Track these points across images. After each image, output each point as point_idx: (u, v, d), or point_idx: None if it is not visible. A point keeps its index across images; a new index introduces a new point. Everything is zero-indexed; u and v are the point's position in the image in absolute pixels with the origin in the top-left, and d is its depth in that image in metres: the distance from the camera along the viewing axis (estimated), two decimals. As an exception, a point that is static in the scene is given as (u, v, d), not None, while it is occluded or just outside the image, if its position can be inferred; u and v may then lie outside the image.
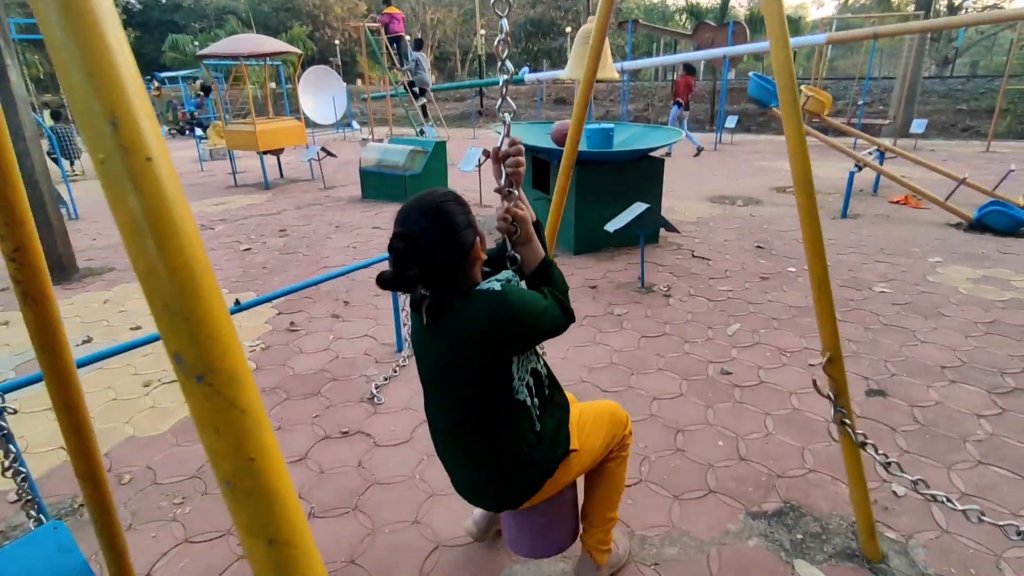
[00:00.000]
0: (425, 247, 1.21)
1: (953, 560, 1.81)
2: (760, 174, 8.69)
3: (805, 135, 1.65)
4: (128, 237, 0.46)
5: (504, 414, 1.34)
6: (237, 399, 0.48)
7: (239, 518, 0.49)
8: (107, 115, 0.44)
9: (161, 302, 0.47)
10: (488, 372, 1.30)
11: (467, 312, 1.25)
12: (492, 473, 1.40)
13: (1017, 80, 13.63)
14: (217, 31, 32.16)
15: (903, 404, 2.63)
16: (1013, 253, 4.64)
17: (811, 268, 1.63)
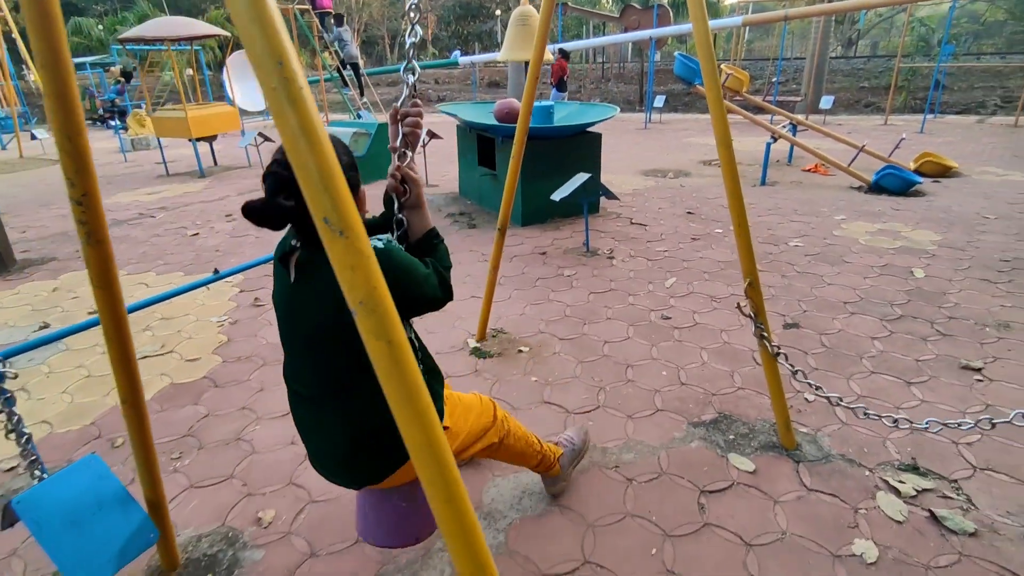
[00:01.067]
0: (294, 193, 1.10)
1: (851, 444, 2.24)
2: (688, 149, 9.27)
3: (727, 111, 2.00)
4: (288, 142, 0.69)
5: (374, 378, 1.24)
6: (364, 247, 0.72)
7: (368, 325, 0.74)
8: (275, 57, 0.67)
9: (312, 185, 0.70)
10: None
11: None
12: (361, 442, 1.30)
13: (909, 60, 14.98)
14: (124, 14, 30.08)
15: (813, 333, 3.09)
16: (904, 209, 5.31)
17: (731, 208, 1.99)
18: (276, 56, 0.67)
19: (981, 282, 3.64)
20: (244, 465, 2.26)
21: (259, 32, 0.66)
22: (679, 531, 1.86)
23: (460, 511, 0.82)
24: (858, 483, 2.04)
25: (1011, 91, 13.66)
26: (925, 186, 6.06)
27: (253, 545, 1.88)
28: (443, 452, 0.79)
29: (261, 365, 3.01)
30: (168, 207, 6.65)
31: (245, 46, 0.68)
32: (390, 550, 1.81)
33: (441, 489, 0.79)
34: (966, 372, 2.68)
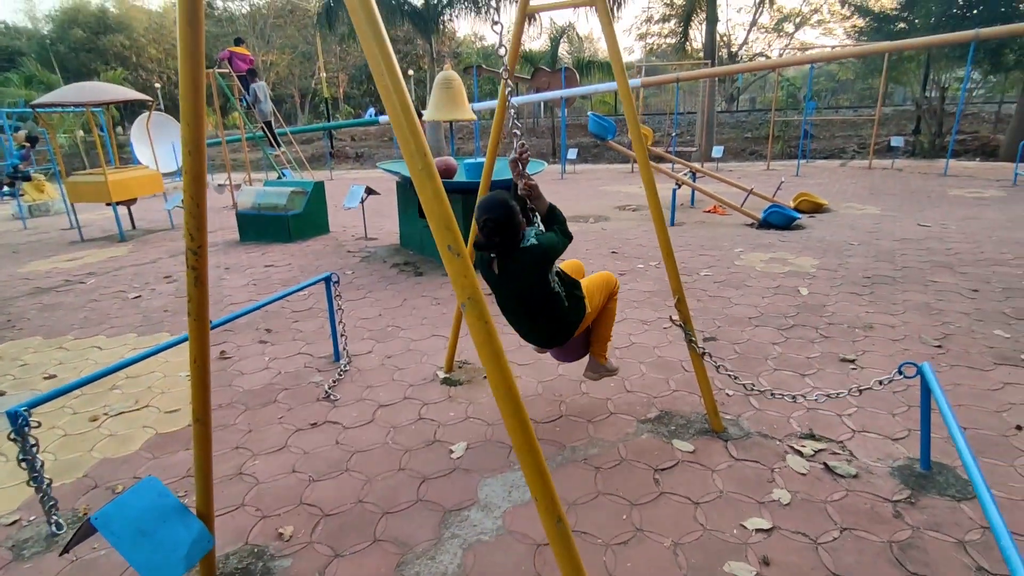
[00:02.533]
0: (505, 224, 2.20)
1: (764, 423, 2.80)
2: (603, 197, 10.19)
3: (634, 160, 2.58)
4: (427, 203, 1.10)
5: (550, 299, 2.38)
6: (468, 266, 1.12)
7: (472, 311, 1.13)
8: (421, 152, 1.09)
9: (440, 227, 1.11)
10: (540, 281, 2.33)
11: (523, 257, 2.27)
12: (551, 328, 2.49)
13: (781, 113, 17.23)
14: (7, 75, 28.38)
15: (727, 343, 3.71)
16: (789, 241, 6.27)
17: (659, 238, 2.55)
18: (422, 152, 1.09)
19: (850, 295, 4.47)
20: (252, 494, 2.48)
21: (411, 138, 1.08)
22: (642, 500, 2.30)
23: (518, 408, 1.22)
24: (772, 451, 2.58)
25: (864, 139, 16.03)
26: (803, 221, 7.14)
27: (280, 556, 2.12)
28: (513, 391, 1.19)
29: (244, 410, 3.20)
30: (97, 272, 6.52)
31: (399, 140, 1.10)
32: (412, 546, 2.11)
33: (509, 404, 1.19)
34: (844, 363, 3.37)
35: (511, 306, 2.48)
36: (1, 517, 2.40)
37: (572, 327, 2.53)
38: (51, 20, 40.47)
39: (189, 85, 1.37)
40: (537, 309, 2.40)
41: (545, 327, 2.49)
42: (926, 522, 2.12)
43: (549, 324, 2.47)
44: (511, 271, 2.31)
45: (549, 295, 2.37)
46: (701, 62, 15.01)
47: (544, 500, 1.24)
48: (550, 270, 2.37)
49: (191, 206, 1.43)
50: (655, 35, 24.87)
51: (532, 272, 2.29)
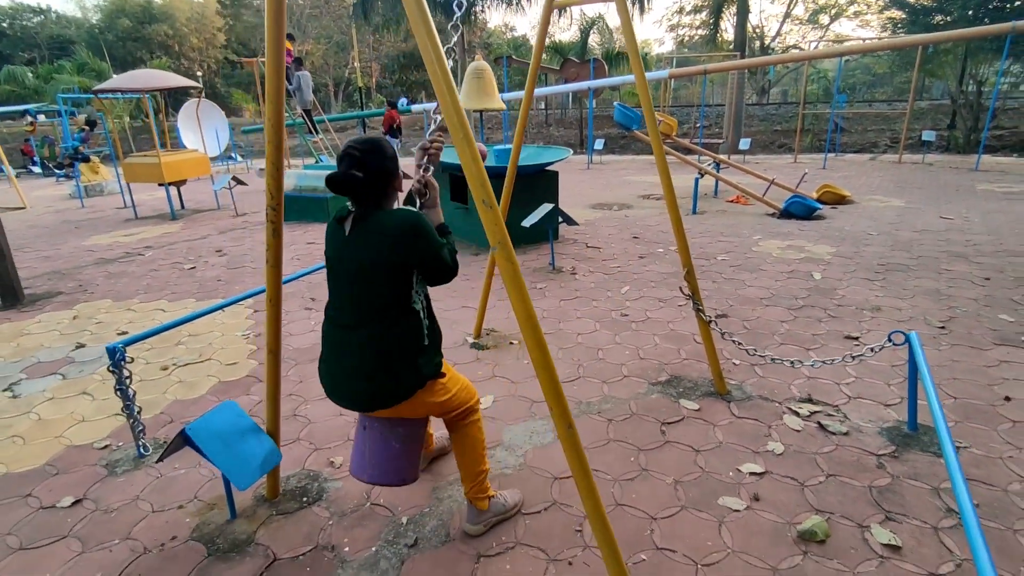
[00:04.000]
0: (369, 159, 1.66)
1: (766, 388, 3.04)
2: (627, 186, 10.38)
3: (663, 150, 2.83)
4: (466, 165, 1.40)
5: (403, 315, 1.72)
6: (499, 216, 1.42)
7: (502, 255, 1.43)
8: (461, 125, 1.39)
9: (476, 185, 1.40)
10: (397, 273, 1.68)
11: (387, 219, 1.67)
12: (383, 362, 1.71)
13: (812, 107, 17.07)
14: (61, 63, 29.60)
15: (737, 320, 3.95)
16: (808, 230, 6.41)
17: (671, 216, 2.81)
18: (462, 124, 1.38)
19: (863, 280, 4.65)
20: (307, 431, 2.84)
21: (455, 113, 1.37)
22: (649, 447, 2.58)
23: (547, 360, 1.51)
24: (771, 411, 2.83)
25: (897, 133, 15.79)
26: (825, 212, 7.26)
27: (332, 479, 2.47)
28: (534, 322, 1.48)
29: (295, 364, 3.57)
30: (153, 246, 7.02)
31: (448, 122, 1.39)
32: (445, 475, 2.44)
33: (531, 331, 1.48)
34: (848, 340, 3.58)
35: (342, 300, 1.77)
36: (95, 442, 2.81)
37: (418, 377, 1.76)
38: (99, 10, 41.91)
39: (273, 69, 1.69)
40: (380, 318, 1.71)
41: (380, 355, 1.72)
42: (906, 472, 2.36)
43: (389, 350, 1.72)
44: (364, 237, 1.68)
45: (402, 304, 1.72)
46: (731, 54, 14.97)
47: (557, 408, 1.53)
48: (416, 271, 1.73)
49: (272, 170, 1.76)
50: (687, 26, 24.69)
51: (392, 248, 1.65)
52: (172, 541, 2.14)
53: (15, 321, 4.54)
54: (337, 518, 2.23)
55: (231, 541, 2.12)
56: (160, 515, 2.28)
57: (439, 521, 2.18)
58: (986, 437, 2.57)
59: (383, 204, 1.74)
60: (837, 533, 2.04)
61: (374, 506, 2.28)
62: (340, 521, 2.21)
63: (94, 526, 2.24)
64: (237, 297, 3.16)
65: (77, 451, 2.75)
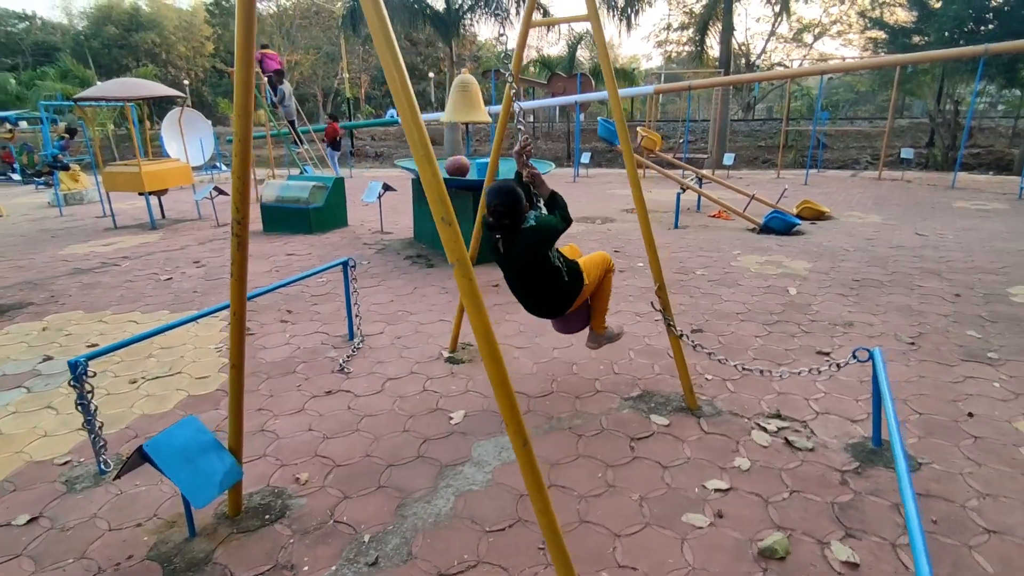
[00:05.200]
0: (511, 208, 2.52)
1: (736, 404, 3.06)
2: (612, 200, 10.46)
3: (643, 166, 2.86)
4: (427, 185, 1.41)
5: (551, 273, 2.69)
6: (457, 232, 1.43)
7: (459, 272, 1.44)
8: (423, 144, 1.40)
9: (435, 202, 1.41)
10: (541, 258, 2.63)
11: (524, 236, 2.57)
12: (553, 299, 2.80)
13: (795, 123, 17.36)
14: (44, 69, 29.38)
15: (712, 335, 3.98)
16: (786, 245, 6.49)
17: (643, 231, 2.83)
18: (424, 144, 1.39)
19: (837, 296, 4.71)
20: (273, 447, 2.80)
21: (416, 131, 1.38)
22: (617, 463, 2.58)
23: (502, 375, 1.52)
24: (740, 427, 2.85)
25: (878, 150, 16.09)
26: (804, 227, 7.36)
27: (297, 496, 2.44)
28: (490, 336, 1.49)
29: (267, 378, 3.53)
30: (131, 256, 6.95)
31: (409, 140, 1.40)
32: (411, 492, 2.42)
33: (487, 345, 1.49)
34: (819, 355, 3.62)
35: (516, 280, 2.79)
36: (55, 458, 2.75)
37: (572, 297, 2.82)
38: (86, 17, 41.73)
39: (242, 84, 1.70)
40: (540, 282, 2.70)
41: (548, 298, 2.79)
42: (868, 488, 2.38)
43: (551, 295, 2.77)
44: (515, 249, 2.60)
45: (550, 270, 2.66)
46: (716, 71, 15.21)
47: (512, 424, 1.53)
48: (550, 248, 2.66)
49: (238, 184, 1.75)
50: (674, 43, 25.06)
51: (533, 249, 2.58)
52: (128, 560, 2.10)
53: (-16, 332, 4.46)
54: (299, 536, 2.20)
55: (188, 560, 2.09)
56: (118, 533, 2.24)
57: (401, 539, 2.16)
58: (948, 453, 2.60)
59: (520, 224, 2.58)
60: (797, 550, 2.05)
61: (337, 523, 2.26)
62: (302, 539, 2.18)
63: (49, 544, 2.19)
64: (206, 311, 3.13)
65: (37, 467, 2.70)
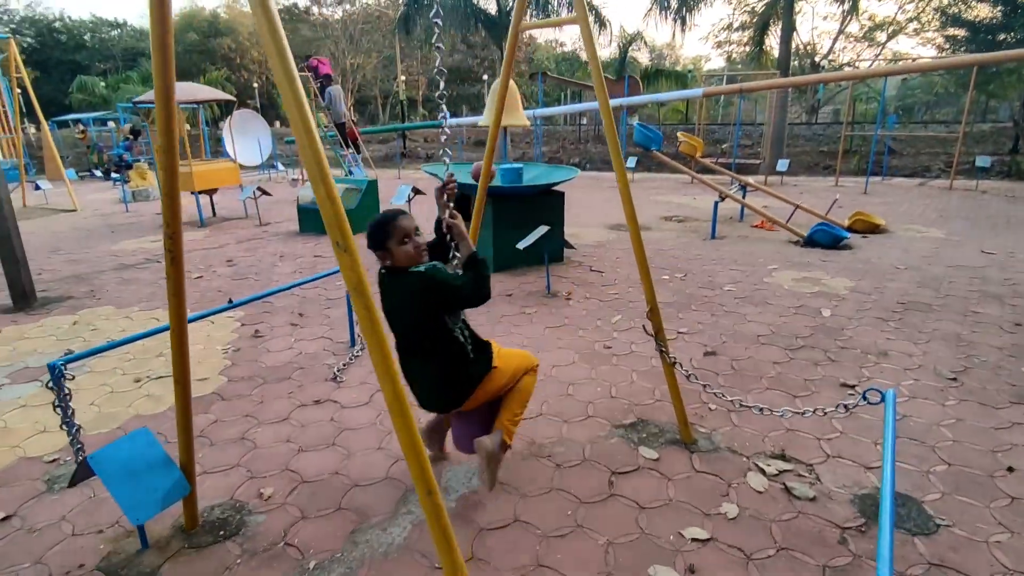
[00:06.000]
0: (373, 240, 2.05)
1: (737, 440, 2.81)
2: (652, 206, 10.11)
3: (678, 171, 2.66)
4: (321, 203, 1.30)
5: (448, 343, 2.13)
6: (356, 258, 1.32)
7: (358, 302, 1.32)
8: (317, 162, 1.29)
9: (331, 226, 1.30)
10: (429, 317, 2.06)
11: (406, 280, 2.04)
12: (446, 378, 2.18)
13: (859, 127, 16.33)
14: (128, 73, 31.49)
15: (726, 359, 3.70)
16: (830, 261, 6.04)
17: (636, 251, 2.63)
18: (318, 162, 1.28)
19: (876, 320, 4.30)
20: (248, 457, 2.78)
21: (308, 143, 1.27)
22: (591, 499, 2.40)
23: (405, 412, 1.39)
24: (736, 467, 2.60)
25: (953, 157, 14.91)
26: (854, 241, 6.84)
27: (256, 512, 2.39)
28: (400, 395, 1.37)
29: (262, 383, 3.54)
30: (172, 253, 7.24)
31: (300, 154, 1.30)
32: (369, 516, 2.32)
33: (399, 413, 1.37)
34: (843, 388, 3.29)
35: (402, 343, 2.18)
36: (45, 456, 2.83)
37: (472, 381, 2.20)
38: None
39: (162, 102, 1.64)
40: (430, 350, 2.13)
41: (439, 375, 2.17)
42: (870, 551, 2.10)
43: (444, 371, 2.16)
44: (395, 293, 2.08)
45: (446, 338, 2.12)
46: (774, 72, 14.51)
47: (416, 467, 1.40)
48: (446, 311, 2.10)
49: (166, 199, 1.69)
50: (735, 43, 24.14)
51: (416, 301, 2.03)
52: (79, 569, 2.09)
53: (20, 324, 4.71)
54: (247, 556, 2.14)
55: (134, 574, 2.06)
56: (78, 539, 2.25)
57: (346, 569, 2.06)
58: (975, 514, 2.27)
59: (397, 265, 2.06)
60: (771, 621, 1.81)
61: (288, 546, 2.19)
62: (249, 560, 2.12)
63: (12, 546, 2.22)
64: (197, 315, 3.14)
65: (27, 463, 2.77)
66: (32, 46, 38.23)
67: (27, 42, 38.24)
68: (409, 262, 2.05)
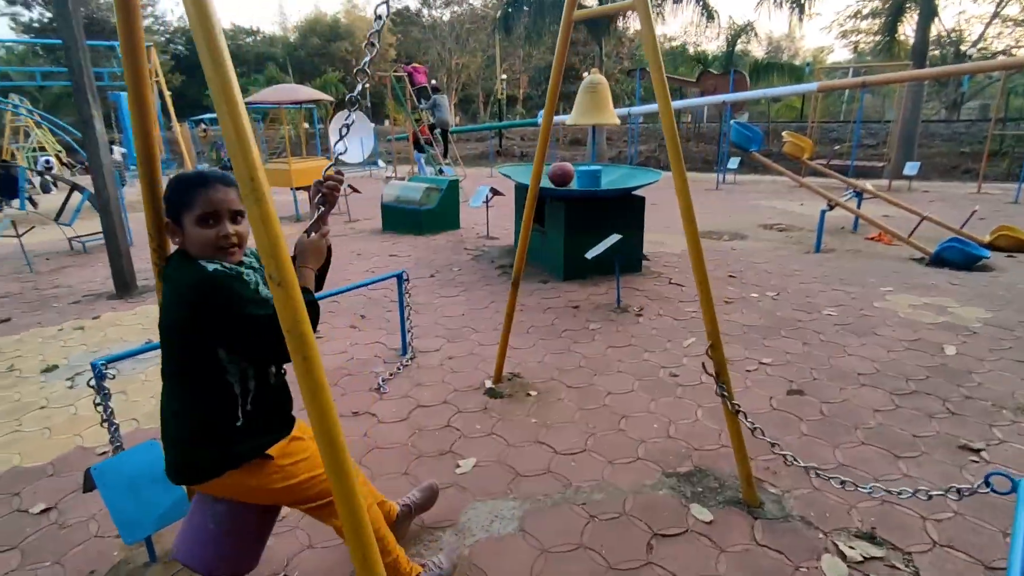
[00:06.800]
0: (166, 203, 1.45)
1: (815, 507, 2.33)
2: (752, 212, 9.27)
3: (781, 173, 2.28)
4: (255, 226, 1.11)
5: (207, 385, 1.42)
6: (295, 293, 1.11)
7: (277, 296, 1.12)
8: (249, 173, 1.10)
9: (262, 248, 1.10)
10: (188, 336, 1.37)
11: (183, 273, 1.39)
12: (187, 434, 1.46)
13: (1012, 125, 14.08)
14: (256, 76, 34.33)
15: (815, 400, 3.16)
16: (961, 284, 5.11)
17: (695, 273, 2.25)
18: (251, 175, 1.09)
19: (1016, 364, 3.52)
20: (274, 469, 2.70)
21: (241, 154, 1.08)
22: (623, 565, 2.06)
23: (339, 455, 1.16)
24: (808, 544, 2.14)
25: None
26: (996, 260, 5.78)
27: (267, 533, 2.29)
28: (337, 437, 1.15)
29: (307, 388, 3.50)
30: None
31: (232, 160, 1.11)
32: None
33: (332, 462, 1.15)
34: (963, 452, 2.66)
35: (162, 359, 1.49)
36: (99, 447, 2.93)
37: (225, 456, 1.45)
38: (297, 30, 48.19)
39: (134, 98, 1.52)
40: (176, 376, 1.46)
41: (172, 418, 1.49)
42: None
43: (181, 418, 1.47)
44: (168, 287, 1.43)
45: (206, 378, 1.42)
46: (904, 64, 12.86)
47: (357, 554, 1.17)
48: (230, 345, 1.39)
49: (150, 212, 1.59)
50: (863, 32, 21.83)
51: (182, 306, 1.36)
52: (89, 575, 2.09)
53: (118, 311, 5.09)
54: (245, 584, 2.03)
55: (135, 590, 2.02)
56: (99, 542, 2.26)
57: (337, 615, 1.89)
58: None
59: (196, 250, 1.42)
60: None
61: (286, 577, 2.06)
62: (245, 589, 2.01)
63: (43, 540, 2.28)
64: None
65: (81, 453, 2.89)
66: (182, 53, 42.88)
67: (178, 50, 42.98)
68: (204, 253, 1.42)
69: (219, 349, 1.40)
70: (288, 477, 1.53)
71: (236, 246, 1.46)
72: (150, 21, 42.80)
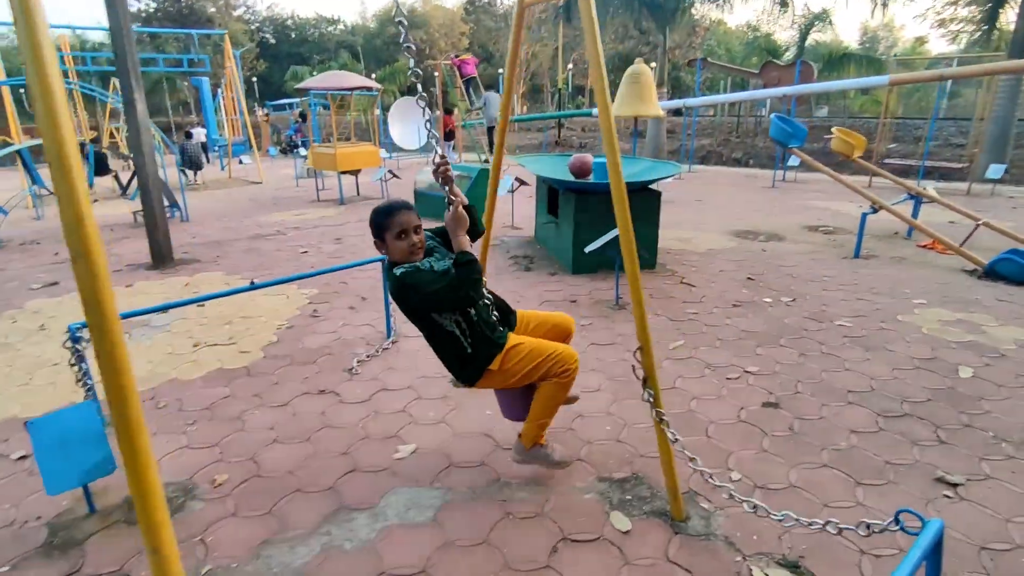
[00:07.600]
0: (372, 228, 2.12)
1: (744, 528, 2.18)
2: (800, 212, 8.72)
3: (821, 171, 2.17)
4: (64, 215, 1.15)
5: (442, 336, 2.14)
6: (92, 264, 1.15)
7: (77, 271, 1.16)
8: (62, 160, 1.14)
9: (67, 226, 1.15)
10: (410, 313, 2.12)
11: (390, 278, 2.06)
12: (447, 364, 2.25)
13: None
14: (331, 63, 35.60)
15: (788, 415, 2.95)
16: (1011, 301, 4.60)
17: (631, 284, 2.15)
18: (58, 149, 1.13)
19: (1040, 393, 3.14)
20: (229, 439, 2.83)
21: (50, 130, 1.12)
22: (520, 566, 2.02)
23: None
24: (722, 566, 2.01)
25: None
26: (1063, 277, 5.15)
27: (200, 498, 2.41)
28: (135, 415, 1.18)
29: (287, 364, 3.64)
30: (300, 227, 7.95)
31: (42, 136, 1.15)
32: (287, 530, 2.20)
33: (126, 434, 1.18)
34: (938, 485, 2.41)
35: None
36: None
37: (472, 371, 2.21)
38: (375, 19, 49.59)
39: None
40: (427, 336, 2.21)
41: (441, 357, 2.27)
42: None
43: (443, 356, 2.25)
44: (389, 286, 2.13)
45: (438, 332, 2.14)
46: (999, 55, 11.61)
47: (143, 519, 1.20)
48: (431, 307, 2.08)
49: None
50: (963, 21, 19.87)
51: (398, 299, 2.07)
52: (35, 521, 2.28)
53: (150, 280, 5.47)
54: (164, 543, 2.15)
55: (67, 538, 2.18)
56: (55, 490, 2.46)
57: (233, 583, 1.97)
58: None
59: (391, 258, 2.10)
60: None
61: (201, 542, 2.16)
62: (162, 548, 2.13)
63: (9, 485, 2.50)
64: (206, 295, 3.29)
65: (71, 409, 3.14)
66: (269, 42, 45.17)
67: (266, 38, 45.32)
68: (400, 258, 2.06)
69: (432, 314, 2.09)
70: (514, 372, 2.19)
71: (420, 250, 2.07)
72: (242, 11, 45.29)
